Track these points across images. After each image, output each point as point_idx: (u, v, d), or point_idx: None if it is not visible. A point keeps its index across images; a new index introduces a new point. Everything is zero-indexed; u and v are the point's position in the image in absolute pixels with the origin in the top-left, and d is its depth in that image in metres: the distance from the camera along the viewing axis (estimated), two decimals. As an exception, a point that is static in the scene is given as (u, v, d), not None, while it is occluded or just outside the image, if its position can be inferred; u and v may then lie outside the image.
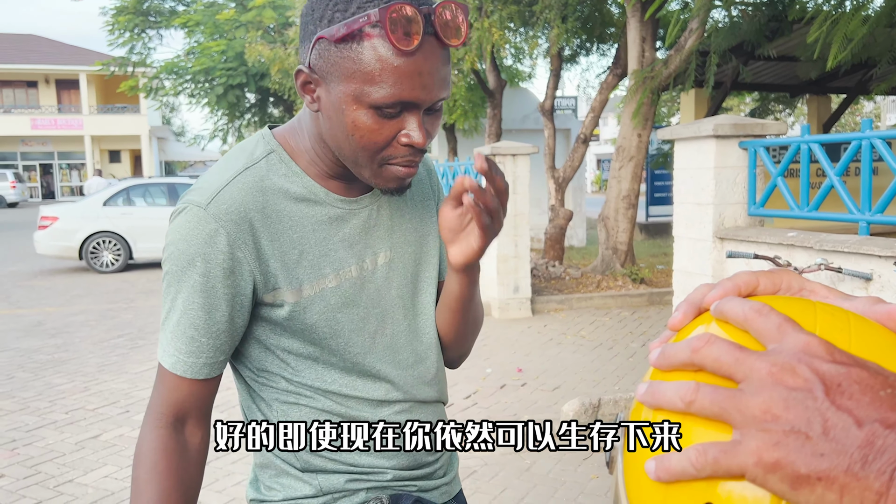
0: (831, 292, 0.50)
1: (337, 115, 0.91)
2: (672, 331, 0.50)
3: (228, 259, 0.93)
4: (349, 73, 0.87)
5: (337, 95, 0.89)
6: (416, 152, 0.93)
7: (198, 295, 0.94)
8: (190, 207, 0.94)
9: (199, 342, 0.95)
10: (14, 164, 34.34)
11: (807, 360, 0.38)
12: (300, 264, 0.97)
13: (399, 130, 0.90)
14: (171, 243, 0.94)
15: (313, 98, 0.93)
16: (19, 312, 7.96)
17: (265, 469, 1.07)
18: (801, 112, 19.28)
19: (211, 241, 0.92)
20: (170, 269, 0.95)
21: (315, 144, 0.99)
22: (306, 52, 0.92)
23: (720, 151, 3.97)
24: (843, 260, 3.23)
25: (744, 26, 8.08)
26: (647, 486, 0.44)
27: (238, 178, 0.95)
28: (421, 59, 0.86)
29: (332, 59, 0.88)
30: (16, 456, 3.86)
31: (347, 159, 0.95)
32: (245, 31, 18.09)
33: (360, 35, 0.85)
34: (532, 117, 13.77)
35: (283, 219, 0.97)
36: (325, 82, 0.90)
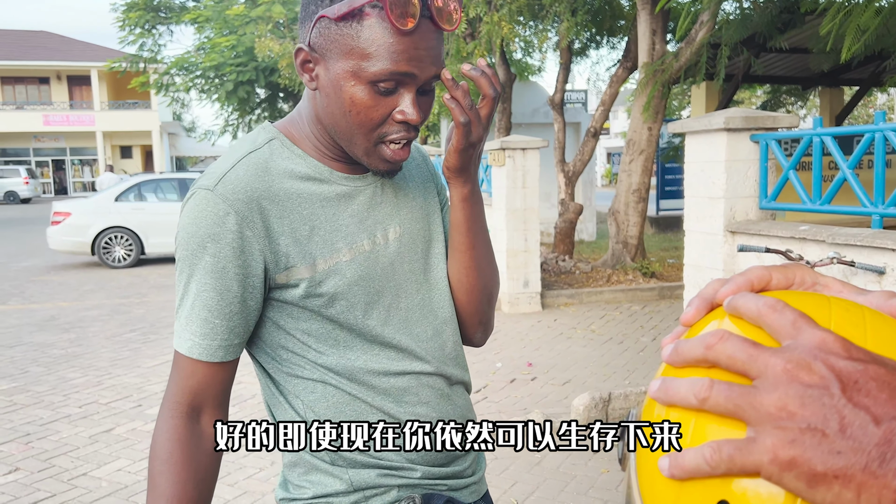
0: (845, 287, 0.49)
1: (335, 92, 0.94)
2: (684, 326, 0.50)
3: (238, 238, 0.94)
4: (348, 49, 0.91)
5: (335, 72, 0.93)
6: (409, 129, 0.96)
7: (210, 276, 0.95)
8: (198, 192, 0.96)
9: (212, 324, 0.96)
10: (27, 160, 34.57)
11: (823, 356, 0.37)
12: (312, 239, 0.99)
13: (394, 108, 0.94)
14: (181, 228, 0.96)
15: (312, 76, 0.97)
16: (33, 307, 8.02)
17: (294, 468, 1.07)
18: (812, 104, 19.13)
19: (220, 221, 0.94)
20: (182, 255, 0.96)
21: (315, 128, 1.02)
22: (306, 32, 0.96)
23: (731, 145, 3.94)
24: (855, 253, 3.20)
25: (755, 18, 8.01)
26: (660, 483, 0.44)
27: (243, 161, 0.98)
28: (417, 37, 0.91)
29: (331, 37, 0.92)
30: (30, 449, 3.90)
31: (342, 137, 0.98)
32: (255, 26, 18.10)
33: (360, 14, 0.90)
34: (542, 111, 13.72)
35: (290, 196, 0.99)
36: (325, 60, 0.94)
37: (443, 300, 1.12)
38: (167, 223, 11.01)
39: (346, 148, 0.99)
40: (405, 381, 1.04)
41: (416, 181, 1.14)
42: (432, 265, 1.11)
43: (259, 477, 3.51)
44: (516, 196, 7.24)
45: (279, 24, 18.43)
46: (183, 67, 19.81)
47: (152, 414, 4.41)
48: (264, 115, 21.76)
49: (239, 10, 18.73)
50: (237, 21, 18.71)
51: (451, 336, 1.12)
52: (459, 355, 1.13)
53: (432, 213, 1.14)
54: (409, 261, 1.08)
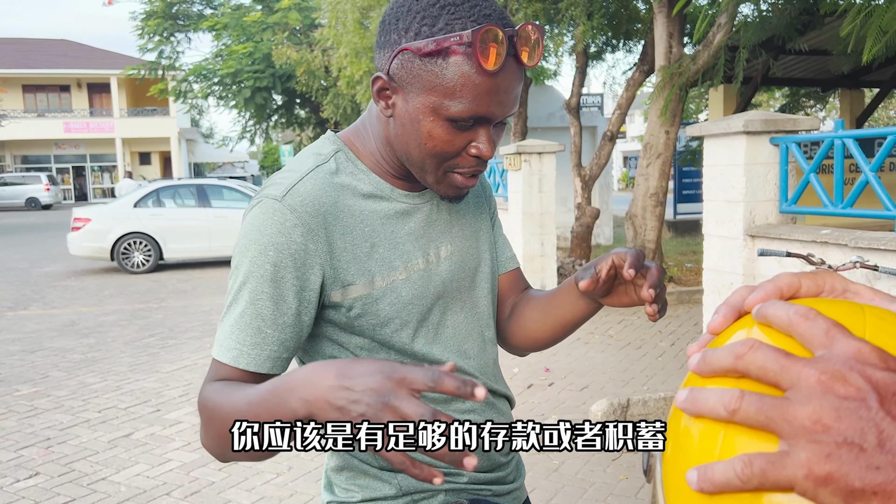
0: (877, 294, 0.48)
1: (412, 124, 0.94)
2: (712, 335, 0.49)
3: (301, 250, 0.94)
4: (431, 86, 0.91)
5: (415, 105, 0.93)
6: (481, 163, 0.98)
7: (267, 284, 0.92)
8: (265, 201, 0.95)
9: (264, 333, 0.93)
10: (48, 166, 35.06)
11: (859, 367, 0.36)
12: (372, 257, 0.99)
13: (469, 142, 0.95)
14: (243, 235, 0.94)
15: (388, 104, 0.97)
16: (53, 312, 8.11)
17: (341, 472, 1.07)
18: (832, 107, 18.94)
19: (285, 230, 0.93)
20: (239, 261, 0.94)
21: (381, 147, 1.03)
22: (386, 61, 0.94)
23: (751, 148, 3.90)
24: (879, 258, 3.15)
25: (774, 20, 7.94)
26: (688, 497, 0.42)
27: (311, 174, 0.98)
28: (501, 78, 0.90)
29: (414, 71, 0.91)
30: (50, 454, 3.94)
31: (414, 165, 0.99)
32: (272, 33, 18.26)
33: (447, 51, 0.89)
34: (558, 115, 13.68)
35: (354, 213, 0.99)
36: (404, 91, 0.94)
37: (486, 319, 1.14)
38: (185, 228, 11.10)
39: (417, 174, 1.00)
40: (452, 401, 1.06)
41: (470, 198, 1.16)
42: (477, 284, 1.13)
43: (276, 482, 3.52)
44: (532, 200, 7.21)
45: (296, 30, 18.56)
46: (201, 74, 20.02)
47: (171, 419, 4.44)
48: (281, 120, 21.91)
49: (256, 18, 18.89)
50: (254, 28, 18.88)
51: (492, 355, 1.15)
52: (500, 374, 1.18)
53: (482, 230, 1.16)
54: (458, 279, 1.09)
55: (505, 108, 0.93)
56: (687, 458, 0.44)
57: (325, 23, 13.61)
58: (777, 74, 9.94)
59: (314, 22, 17.96)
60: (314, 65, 15.03)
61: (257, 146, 24.21)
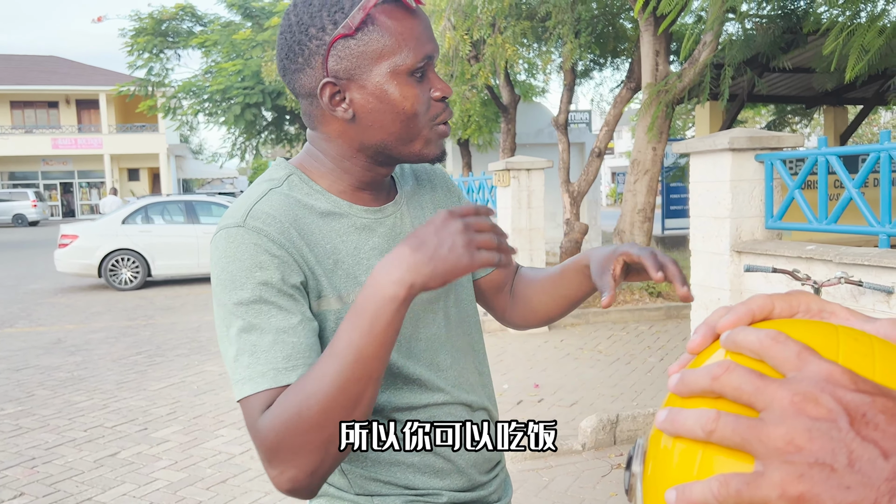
0: (852, 314, 0.49)
1: (381, 101, 0.95)
2: (691, 354, 0.50)
3: (282, 261, 0.92)
4: (378, 52, 0.93)
5: (374, 82, 0.95)
6: (446, 105, 1.01)
7: (268, 304, 0.90)
8: (226, 230, 0.93)
9: (291, 343, 0.89)
10: (35, 183, 34.85)
11: (830, 389, 0.37)
12: (336, 273, 0.98)
13: (429, 89, 0.98)
14: (220, 270, 0.92)
15: (346, 106, 0.97)
16: (40, 330, 8.04)
17: (318, 499, 1.05)
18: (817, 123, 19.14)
19: (261, 249, 0.91)
20: (227, 296, 0.91)
21: (341, 162, 1.02)
22: (319, 69, 0.95)
23: (736, 164, 3.95)
24: (863, 273, 3.19)
25: (758, 39, 8.05)
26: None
27: (265, 197, 0.98)
28: (421, 15, 0.98)
29: (355, 52, 0.94)
30: (35, 474, 3.89)
31: (399, 140, 0.99)
32: (261, 50, 18.30)
33: (372, 17, 0.93)
34: (546, 131, 13.77)
35: (314, 231, 0.98)
36: (355, 80, 0.95)
37: (465, 326, 1.13)
38: (174, 245, 11.05)
39: (400, 151, 1.00)
40: (427, 412, 1.04)
41: (438, 204, 1.16)
42: (451, 291, 1.11)
43: (265, 501, 3.49)
44: (521, 216, 7.24)
45: (285, 47, 18.58)
46: (190, 91, 20.01)
47: (158, 437, 4.40)
48: (271, 136, 21.91)
49: (245, 35, 18.94)
50: (244, 45, 18.93)
51: (472, 364, 1.12)
52: (484, 383, 1.14)
53: None
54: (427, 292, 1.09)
55: (435, 44, 0.99)
56: (666, 478, 0.44)
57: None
58: (762, 92, 10.05)
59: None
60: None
61: (247, 162, 24.16)
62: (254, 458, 4.02)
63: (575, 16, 8.44)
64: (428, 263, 0.80)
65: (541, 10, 8.76)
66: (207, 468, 3.91)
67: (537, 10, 8.86)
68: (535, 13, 8.92)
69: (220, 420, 4.70)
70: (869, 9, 5.75)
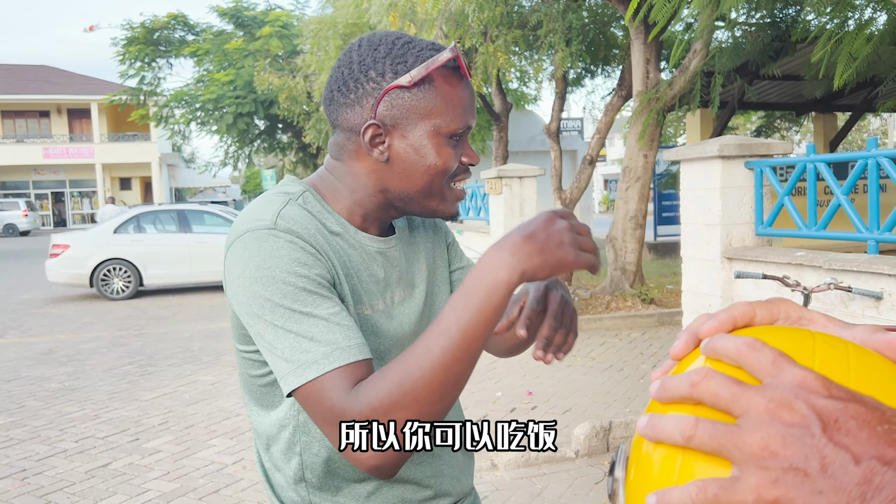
0: (830, 321, 0.50)
1: (417, 154, 1.01)
2: (673, 360, 0.51)
3: (319, 259, 0.95)
4: (427, 111, 0.99)
5: (417, 135, 1.00)
6: (468, 171, 1.08)
7: (313, 294, 0.91)
8: (256, 232, 0.93)
9: (345, 325, 0.90)
10: (26, 192, 34.70)
11: (803, 395, 0.38)
12: (343, 286, 1.01)
13: (460, 155, 1.05)
14: (255, 267, 0.91)
15: (382, 149, 1.01)
16: (31, 340, 7.99)
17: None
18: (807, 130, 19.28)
19: (296, 247, 0.93)
20: (270, 292, 0.90)
21: (359, 195, 1.06)
22: (368, 109, 1.00)
23: (726, 172, 3.97)
24: (852, 279, 3.21)
25: (747, 46, 8.12)
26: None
27: (288, 204, 1.00)
28: (470, 87, 1.05)
29: (407, 104, 0.99)
30: (26, 485, 3.86)
31: (420, 194, 1.04)
32: (253, 59, 18.32)
33: (431, 77, 0.99)
34: (538, 139, 13.83)
35: (327, 243, 1.01)
36: (399, 129, 1.00)
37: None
38: (166, 254, 11.02)
39: (419, 203, 1.05)
40: None
41: (426, 241, 1.21)
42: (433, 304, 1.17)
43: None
44: (514, 224, 7.24)
45: (278, 57, 18.65)
46: (182, 100, 20.00)
47: (150, 447, 4.38)
48: (263, 145, 21.92)
49: (237, 44, 18.96)
50: (236, 54, 18.94)
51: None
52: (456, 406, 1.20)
53: (439, 269, 1.22)
54: (414, 322, 1.12)
55: (475, 116, 1.06)
56: (648, 483, 0.45)
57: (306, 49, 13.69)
58: (752, 99, 10.13)
59: (296, 48, 18.07)
60: (296, 91, 15.09)
61: (239, 171, 24.14)
62: (245, 468, 4.00)
63: (566, 24, 8.50)
64: (539, 254, 0.84)
65: (532, 18, 8.81)
66: (200, 478, 3.89)
67: (529, 19, 8.92)
68: (527, 22, 8.97)
69: (213, 430, 4.68)
70: (857, 17, 5.81)
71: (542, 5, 8.91)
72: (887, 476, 0.35)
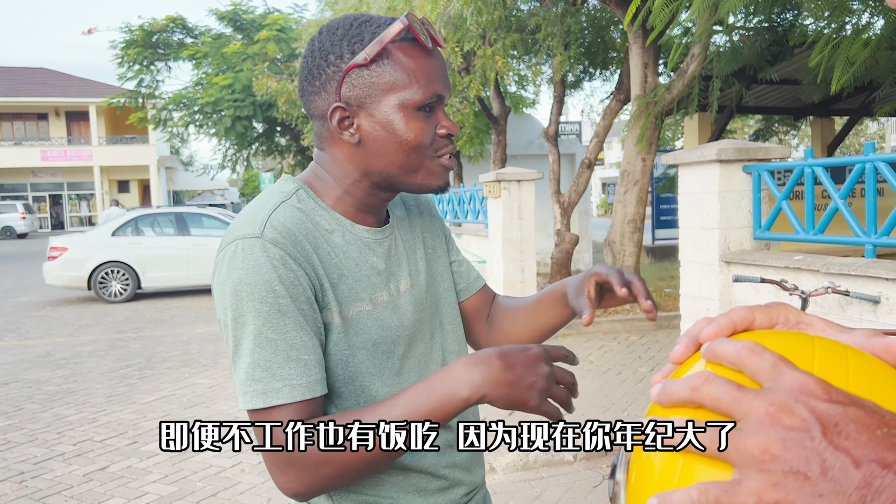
0: (829, 325, 0.50)
1: (386, 130, 1.00)
2: (674, 364, 0.51)
3: (300, 276, 0.95)
4: (389, 85, 0.99)
5: (383, 112, 1.00)
6: (451, 140, 1.06)
7: (286, 317, 0.93)
8: (243, 241, 0.95)
9: (304, 361, 0.93)
10: (24, 195, 34.66)
11: (804, 399, 0.38)
12: (339, 287, 1.01)
13: (435, 125, 1.03)
14: (237, 281, 0.93)
15: (352, 131, 1.02)
16: (28, 343, 7.98)
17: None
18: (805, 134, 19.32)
19: (279, 263, 0.94)
20: (243, 307, 0.93)
21: (348, 184, 1.06)
22: (332, 94, 1.01)
23: (724, 176, 3.98)
24: (850, 283, 3.22)
25: (745, 51, 8.14)
26: None
27: (280, 207, 1.00)
28: (436, 56, 1.03)
29: (368, 82, 0.99)
30: (24, 489, 3.85)
31: (402, 170, 1.03)
32: (252, 62, 18.32)
33: (388, 51, 0.99)
34: (537, 143, 13.84)
35: (321, 245, 1.01)
36: (364, 108, 1.00)
37: (452, 346, 1.18)
38: (164, 257, 11.01)
39: (403, 180, 1.04)
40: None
41: (425, 230, 1.22)
42: (440, 312, 1.17)
43: None
44: (512, 227, 7.26)
45: (276, 60, 18.66)
46: (181, 103, 20.00)
47: (148, 451, 4.37)
48: (262, 148, 21.91)
49: (236, 48, 18.97)
50: (234, 58, 18.95)
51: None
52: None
53: (439, 259, 1.22)
54: (420, 311, 1.12)
55: (447, 85, 1.04)
56: (649, 486, 0.46)
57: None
58: (750, 103, 10.14)
59: (294, 52, 18.08)
60: (295, 94, 15.10)
61: (237, 174, 24.15)
62: (244, 471, 4.00)
63: (564, 28, 8.51)
64: (506, 387, 0.85)
65: (530, 22, 8.82)
66: (198, 482, 3.88)
67: (527, 23, 8.93)
68: (525, 25, 8.98)
69: (211, 433, 4.68)
70: (854, 21, 5.83)
71: (541, 9, 8.93)
72: (887, 479, 0.35)
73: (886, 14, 5.19)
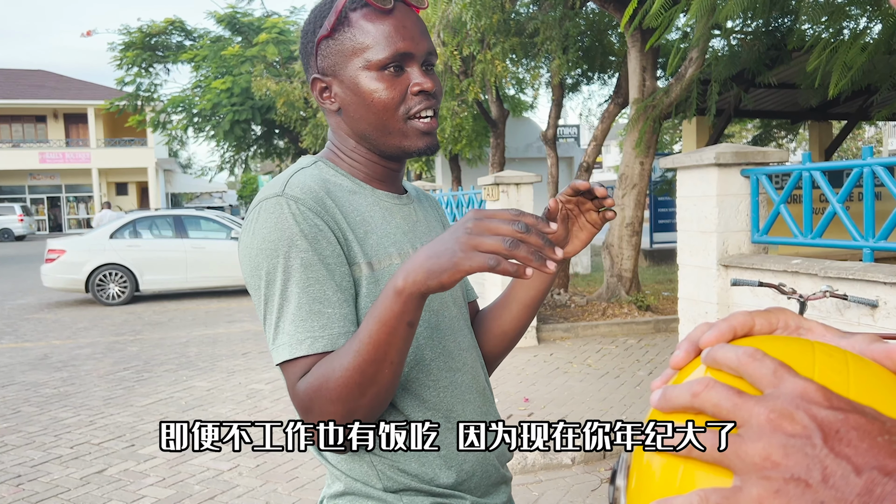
0: (829, 330, 0.50)
1: (356, 94, 1.04)
2: (674, 370, 0.51)
3: (323, 229, 0.98)
4: (350, 50, 1.03)
5: (349, 77, 1.03)
6: (429, 97, 1.05)
7: (310, 270, 0.95)
8: (266, 201, 0.98)
9: (327, 314, 0.95)
10: (22, 197, 34.62)
11: (805, 406, 0.38)
12: (367, 241, 1.03)
13: (408, 84, 1.04)
14: (262, 238, 0.96)
15: (332, 99, 1.07)
16: (26, 346, 7.96)
17: (341, 497, 1.05)
18: (803, 137, 19.35)
19: (301, 217, 0.96)
20: (271, 264, 0.95)
21: (348, 150, 1.10)
22: (314, 67, 1.07)
23: (722, 179, 3.99)
24: (848, 287, 3.22)
25: (744, 55, 8.16)
26: None
27: (298, 173, 1.04)
28: (400, 16, 1.03)
29: (333, 51, 1.04)
30: (21, 492, 3.84)
31: (378, 131, 1.05)
32: (251, 65, 18.33)
33: (346, 18, 1.03)
34: (535, 146, 13.85)
35: (345, 202, 1.04)
36: (336, 76, 1.05)
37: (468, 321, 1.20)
38: (162, 259, 11.00)
39: (383, 143, 1.06)
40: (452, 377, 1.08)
41: (433, 215, 1.24)
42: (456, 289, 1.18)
43: None
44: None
45: (275, 63, 18.67)
46: (179, 106, 20.00)
47: (145, 454, 4.36)
48: (260, 150, 21.91)
49: (234, 51, 18.98)
50: (233, 61, 18.96)
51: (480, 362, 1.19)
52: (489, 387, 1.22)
53: None
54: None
55: (417, 42, 1.03)
56: (649, 492, 0.45)
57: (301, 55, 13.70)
58: (748, 107, 10.17)
59: (292, 54, 18.09)
60: (293, 96, 15.11)
61: (236, 176, 24.17)
62: (242, 474, 3.99)
63: (563, 32, 8.52)
64: (426, 261, 0.83)
65: (529, 26, 8.83)
66: (195, 485, 3.87)
67: (526, 27, 8.94)
68: (524, 29, 9.00)
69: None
70: (852, 26, 5.84)
71: (539, 13, 8.95)
72: (888, 487, 0.35)
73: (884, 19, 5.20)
